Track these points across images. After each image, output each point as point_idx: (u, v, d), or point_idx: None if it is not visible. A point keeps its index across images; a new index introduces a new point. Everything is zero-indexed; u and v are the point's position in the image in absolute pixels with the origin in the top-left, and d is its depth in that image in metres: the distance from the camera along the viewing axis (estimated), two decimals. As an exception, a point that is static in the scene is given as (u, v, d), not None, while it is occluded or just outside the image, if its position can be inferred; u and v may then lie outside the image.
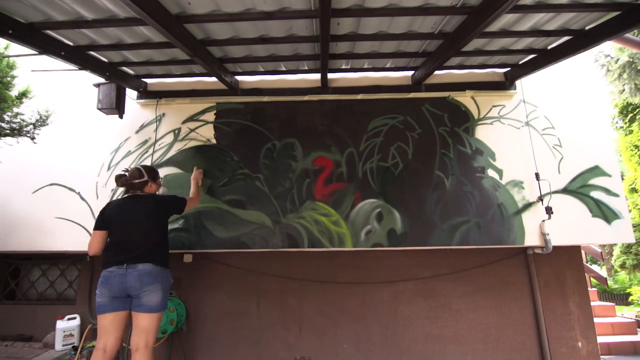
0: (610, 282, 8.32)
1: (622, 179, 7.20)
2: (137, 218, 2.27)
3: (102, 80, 2.87)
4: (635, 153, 7.12)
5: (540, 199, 2.84)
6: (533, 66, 2.82)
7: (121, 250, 2.18)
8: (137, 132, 3.16)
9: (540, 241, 2.79)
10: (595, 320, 3.52)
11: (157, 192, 2.52)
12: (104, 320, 2.09)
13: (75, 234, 2.94)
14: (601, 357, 2.99)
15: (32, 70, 2.94)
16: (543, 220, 2.80)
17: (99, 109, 2.89)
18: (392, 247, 2.83)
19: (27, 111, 2.89)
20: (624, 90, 6.34)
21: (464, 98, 3.13)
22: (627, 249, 7.39)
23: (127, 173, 2.40)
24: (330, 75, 3.11)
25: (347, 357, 3.00)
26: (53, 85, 3.28)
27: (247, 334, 3.06)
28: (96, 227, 2.29)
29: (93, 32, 2.32)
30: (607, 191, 2.88)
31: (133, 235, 2.23)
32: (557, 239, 2.78)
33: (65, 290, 3.36)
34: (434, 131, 3.05)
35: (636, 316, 5.65)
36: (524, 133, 3.02)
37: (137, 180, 2.36)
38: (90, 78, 2.89)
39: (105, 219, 2.29)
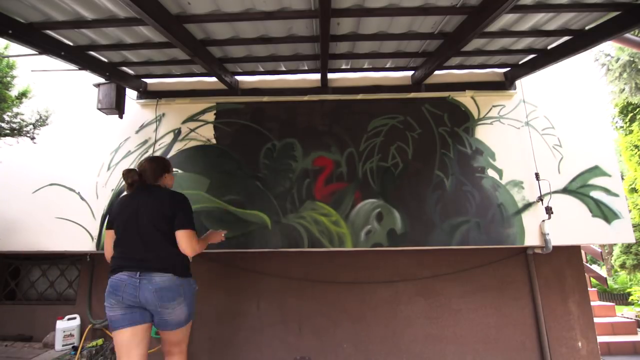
0: (610, 282, 8.33)
1: (622, 179, 7.20)
2: (147, 212, 1.86)
3: (102, 80, 2.87)
4: (635, 153, 7.12)
5: (540, 199, 2.84)
6: (533, 66, 2.82)
7: (130, 255, 1.82)
8: (137, 132, 3.16)
9: (540, 241, 2.79)
10: (595, 320, 3.53)
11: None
12: (122, 336, 1.73)
13: (75, 234, 2.94)
14: (601, 357, 2.98)
15: (32, 70, 2.94)
16: (543, 220, 2.80)
17: (99, 109, 2.89)
18: (392, 247, 2.83)
19: (27, 111, 2.88)
20: (624, 89, 6.33)
21: (464, 98, 3.13)
22: (627, 249, 7.40)
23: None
24: (330, 75, 3.11)
25: (347, 357, 3.00)
26: (53, 85, 3.27)
27: (247, 334, 3.06)
28: (106, 226, 1.99)
29: (93, 32, 2.32)
30: (607, 191, 2.88)
31: (144, 236, 1.83)
32: (557, 239, 2.77)
33: (65, 290, 3.36)
34: (434, 131, 3.05)
35: (636, 316, 5.65)
36: (524, 133, 3.02)
37: (149, 172, 2.03)
38: (90, 78, 2.89)
39: (112, 214, 1.94)
